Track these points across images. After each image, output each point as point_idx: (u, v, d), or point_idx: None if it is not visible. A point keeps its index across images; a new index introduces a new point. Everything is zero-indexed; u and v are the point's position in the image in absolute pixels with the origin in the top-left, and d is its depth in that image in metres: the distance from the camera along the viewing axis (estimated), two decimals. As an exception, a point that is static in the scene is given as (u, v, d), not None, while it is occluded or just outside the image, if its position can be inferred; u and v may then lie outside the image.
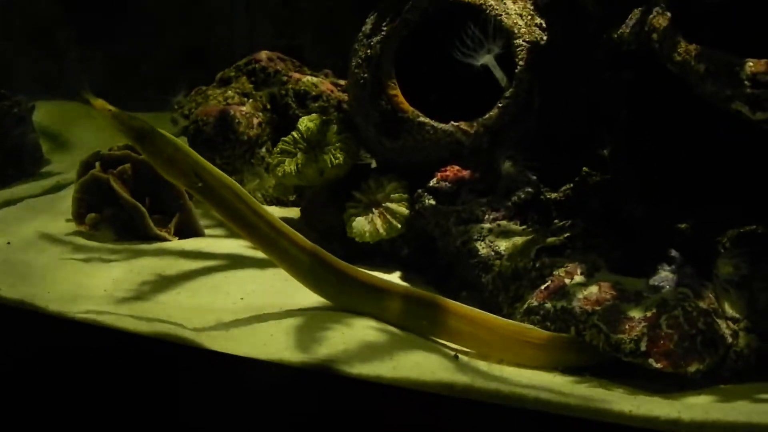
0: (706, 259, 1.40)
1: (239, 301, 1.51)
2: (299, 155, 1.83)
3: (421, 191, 1.70)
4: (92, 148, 2.69)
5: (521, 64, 1.69)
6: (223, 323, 1.36)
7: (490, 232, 1.58)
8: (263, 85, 2.29)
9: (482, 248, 1.56)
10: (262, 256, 1.72)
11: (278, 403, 1.22)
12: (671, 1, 1.40)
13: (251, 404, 1.22)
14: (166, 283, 1.60)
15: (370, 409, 1.18)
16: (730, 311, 1.34)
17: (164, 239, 1.88)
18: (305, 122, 1.86)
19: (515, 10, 1.74)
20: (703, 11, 1.41)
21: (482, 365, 1.29)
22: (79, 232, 1.95)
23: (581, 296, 1.37)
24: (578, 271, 1.44)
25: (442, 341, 1.38)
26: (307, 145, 1.84)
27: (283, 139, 1.88)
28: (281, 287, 1.54)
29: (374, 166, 1.95)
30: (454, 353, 1.30)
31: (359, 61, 1.79)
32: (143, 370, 1.35)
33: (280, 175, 1.85)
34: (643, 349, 1.26)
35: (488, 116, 1.69)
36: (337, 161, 1.80)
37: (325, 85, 2.22)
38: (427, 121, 1.71)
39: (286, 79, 2.25)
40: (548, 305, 1.39)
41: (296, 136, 1.86)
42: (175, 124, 2.30)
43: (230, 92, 2.24)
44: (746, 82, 1.24)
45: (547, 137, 1.71)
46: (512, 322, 1.39)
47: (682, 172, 1.50)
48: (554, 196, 1.62)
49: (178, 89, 2.29)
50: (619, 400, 1.09)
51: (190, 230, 1.93)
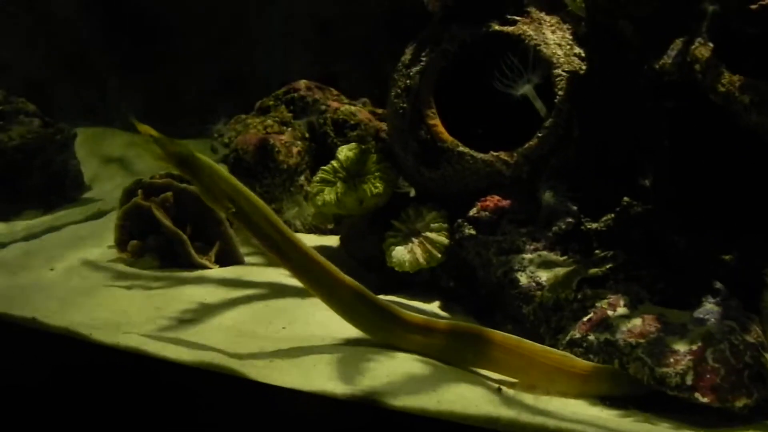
0: (752, 291, 1.39)
1: (281, 330, 1.52)
2: (339, 184, 1.84)
3: (461, 221, 1.70)
4: (132, 174, 2.76)
5: (560, 93, 1.69)
6: (266, 353, 1.37)
7: (531, 262, 1.58)
8: (302, 113, 2.31)
9: (523, 279, 1.56)
10: (302, 286, 1.74)
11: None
12: (713, 31, 1.40)
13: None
14: (207, 311, 1.61)
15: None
16: (777, 345, 1.32)
17: (205, 267, 1.90)
18: (344, 151, 1.88)
19: (554, 39, 1.74)
20: (745, 41, 1.41)
21: (526, 398, 1.28)
22: (121, 259, 1.97)
23: (625, 328, 1.36)
24: (621, 302, 1.43)
25: (485, 372, 1.37)
26: (346, 174, 1.86)
27: (322, 168, 1.90)
28: (322, 317, 1.54)
29: (413, 194, 1.95)
30: (497, 386, 1.30)
31: (398, 90, 1.81)
32: (187, 399, 1.36)
33: (319, 203, 1.86)
34: (689, 383, 1.25)
35: (528, 146, 1.69)
36: (376, 190, 1.81)
37: (362, 113, 2.24)
38: (466, 150, 1.71)
39: (324, 108, 2.28)
40: (591, 337, 1.38)
41: (336, 165, 1.87)
42: (215, 152, 2.34)
43: (269, 121, 2.26)
44: (792, 113, 1.23)
45: (586, 167, 1.70)
46: (555, 351, 1.38)
47: (726, 202, 1.48)
48: (595, 226, 1.61)
49: (217, 117, 2.33)
50: (666, 435, 1.08)
51: (230, 258, 1.95)
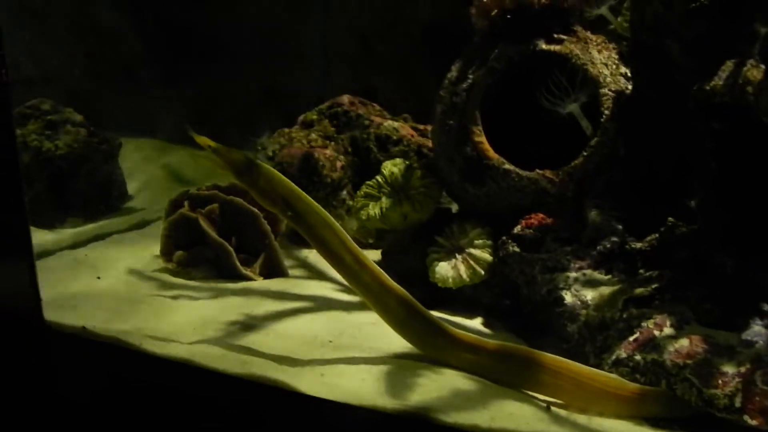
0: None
1: (328, 343, 1.53)
2: (383, 199, 1.86)
3: (505, 238, 1.71)
4: (174, 185, 2.80)
5: (607, 113, 1.70)
6: (313, 367, 1.39)
7: (576, 281, 1.58)
8: (345, 128, 2.33)
9: (568, 297, 1.56)
10: (348, 298, 1.76)
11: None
12: (765, 53, 1.40)
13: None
14: (254, 323, 1.63)
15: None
16: (828, 368, 1.31)
17: (250, 278, 1.93)
18: (389, 167, 1.90)
19: (601, 59, 1.75)
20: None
21: (576, 417, 1.29)
22: (166, 269, 2.00)
23: (672, 349, 1.36)
24: (667, 323, 1.43)
25: (532, 393, 1.38)
26: (391, 189, 1.88)
27: (367, 182, 1.92)
28: (369, 331, 1.56)
29: (455, 210, 1.97)
30: (545, 404, 1.30)
31: (445, 107, 1.83)
32: (237, 411, 1.38)
33: (364, 218, 1.88)
34: (737, 405, 1.25)
35: (573, 164, 1.70)
36: (420, 206, 1.83)
37: (405, 129, 2.26)
38: (512, 168, 1.73)
39: (368, 123, 2.30)
40: (638, 357, 1.39)
41: (380, 180, 1.89)
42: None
43: (314, 135, 2.29)
44: None
45: (632, 186, 1.71)
46: (602, 372, 1.39)
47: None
48: (639, 245, 1.61)
49: (261, 131, 2.35)
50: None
51: (274, 270, 1.97)
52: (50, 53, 3.21)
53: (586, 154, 1.70)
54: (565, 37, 1.78)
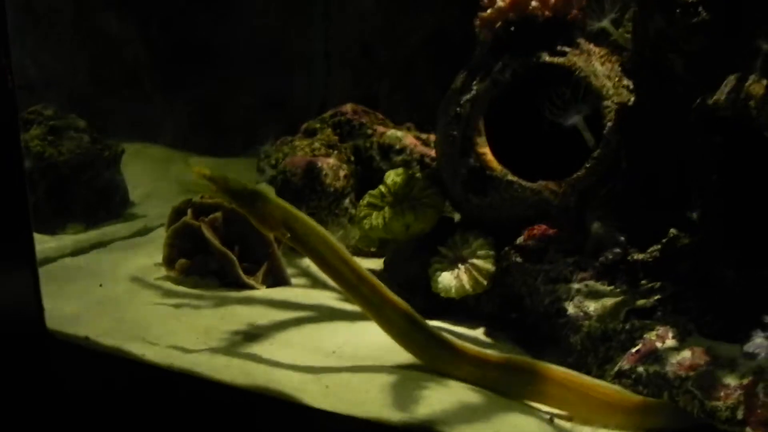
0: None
1: (331, 354, 1.54)
2: (386, 209, 1.87)
3: (508, 249, 1.72)
4: (175, 191, 2.81)
5: (609, 125, 1.71)
6: (317, 378, 1.39)
7: (578, 292, 1.59)
8: (348, 137, 2.34)
9: (571, 308, 1.57)
10: (350, 308, 1.76)
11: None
12: (766, 68, 1.41)
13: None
14: (257, 333, 1.64)
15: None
16: (831, 380, 1.32)
17: (253, 287, 1.93)
18: (392, 177, 1.91)
19: (604, 71, 1.76)
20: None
21: (580, 429, 1.30)
22: (168, 277, 2.01)
23: (674, 361, 1.37)
24: (669, 334, 1.44)
25: (535, 404, 1.39)
26: (393, 199, 1.88)
27: (370, 192, 1.93)
28: (372, 341, 1.56)
29: (457, 220, 1.97)
30: (549, 416, 1.31)
31: (449, 118, 1.83)
32: (239, 423, 1.38)
33: (366, 227, 1.89)
34: (739, 417, 1.25)
35: (576, 176, 1.71)
36: (423, 216, 1.84)
37: (408, 138, 2.27)
38: (515, 179, 1.74)
39: (370, 132, 2.31)
40: (641, 369, 1.39)
41: (383, 189, 1.90)
42: (262, 173, 2.37)
43: (317, 144, 2.29)
44: None
45: (634, 198, 1.72)
46: (606, 384, 1.39)
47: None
48: (642, 257, 1.62)
49: (265, 139, 2.36)
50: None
51: (277, 279, 1.98)
52: (53, 59, 3.22)
53: (588, 165, 1.71)
54: (568, 49, 1.78)
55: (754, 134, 1.41)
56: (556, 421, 1.31)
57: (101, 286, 1.95)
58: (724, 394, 1.28)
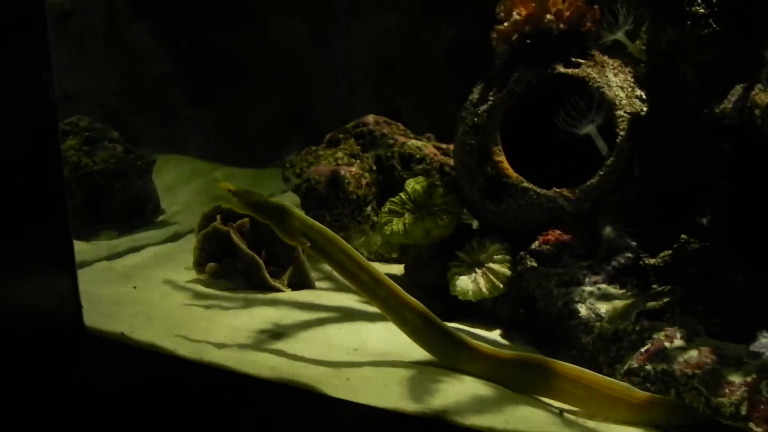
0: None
1: (353, 351, 1.61)
2: (407, 215, 1.94)
3: (523, 253, 1.78)
4: (204, 201, 2.90)
5: (622, 134, 1.77)
6: (340, 372, 1.46)
7: (590, 294, 1.65)
8: (370, 147, 2.42)
9: (583, 310, 1.63)
10: (371, 309, 1.83)
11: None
12: (773, 78, 1.47)
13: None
14: (282, 332, 1.71)
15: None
16: (833, 379, 1.36)
17: (279, 290, 2.01)
18: (412, 184, 1.98)
19: (617, 82, 1.82)
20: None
21: (588, 422, 1.36)
22: (198, 280, 2.09)
23: (681, 359, 1.42)
24: (678, 335, 1.49)
25: (546, 399, 1.44)
26: (414, 206, 1.96)
27: (390, 199, 2.00)
28: (392, 340, 1.63)
29: (476, 226, 2.04)
30: (558, 410, 1.37)
31: (467, 128, 1.90)
32: (266, 413, 1.46)
33: (387, 233, 1.96)
34: (743, 413, 1.30)
35: (589, 183, 1.77)
36: (442, 222, 1.91)
37: (428, 148, 2.34)
38: (530, 186, 1.80)
39: (392, 142, 2.38)
40: (649, 367, 1.45)
41: (404, 197, 1.97)
42: (287, 182, 2.45)
43: (340, 153, 2.37)
44: None
45: (646, 205, 1.77)
46: (616, 381, 1.45)
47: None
48: (653, 261, 1.68)
49: (290, 149, 2.45)
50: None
51: (302, 282, 2.06)
52: (87, 73, 3.33)
53: (601, 173, 1.77)
54: (582, 60, 1.85)
55: (759, 142, 1.46)
56: (565, 415, 1.37)
57: (135, 288, 2.04)
58: (728, 391, 1.33)
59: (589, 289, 1.66)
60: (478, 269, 1.84)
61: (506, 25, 1.87)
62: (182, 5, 3.49)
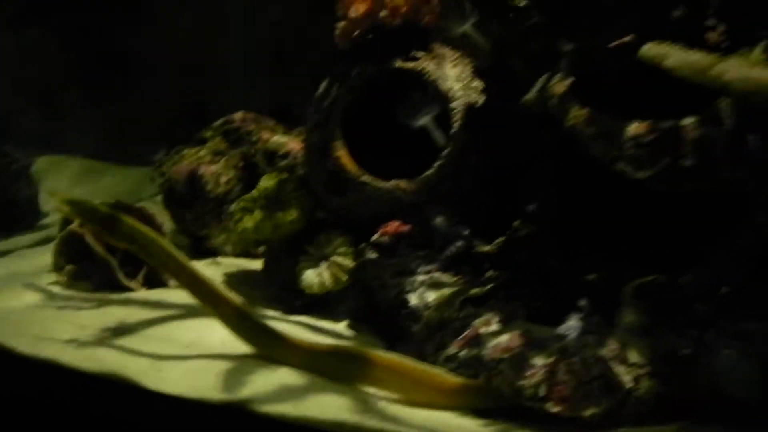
0: (615, 309, 1.49)
1: (184, 348, 1.63)
2: (256, 212, 1.97)
3: (364, 245, 1.81)
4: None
5: (456, 125, 1.81)
6: (164, 365, 1.50)
7: (422, 284, 1.68)
8: (237, 144, 2.43)
9: (413, 299, 1.67)
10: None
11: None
12: (571, 67, 1.52)
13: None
14: (126, 328, 1.73)
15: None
16: (634, 358, 1.42)
17: (132, 289, 2.04)
18: (264, 181, 2.00)
19: (454, 74, 1.86)
20: (610, 77, 1.54)
21: (393, 408, 1.39)
22: (58, 282, 2.10)
23: (492, 344, 1.47)
24: (495, 320, 1.53)
25: (367, 388, 1.48)
26: (266, 202, 1.98)
27: (242, 197, 2.02)
28: (227, 335, 1.64)
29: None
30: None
31: (310, 124, 1.93)
32: (88, 406, 1.49)
33: (239, 230, 1.99)
34: (542, 394, 1.36)
35: (426, 174, 1.81)
36: (290, 217, 1.94)
37: (293, 143, 2.35)
38: (368, 179, 1.83)
39: (256, 138, 2.40)
40: (463, 353, 1.49)
41: (255, 194, 1.99)
42: (152, 181, 2.47)
43: (203, 152, 2.38)
44: (628, 143, 1.35)
45: (483, 193, 1.82)
46: (432, 369, 1.50)
47: (595, 227, 1.60)
48: (487, 249, 1.72)
49: (159, 148, 2.45)
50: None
51: (157, 281, 2.08)
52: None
53: (438, 164, 1.81)
54: (421, 54, 1.89)
55: (560, 131, 1.51)
56: (384, 402, 1.41)
57: (-9, 291, 2.04)
58: (530, 373, 1.38)
59: (421, 278, 1.70)
60: (323, 262, 1.87)
61: (345, 23, 1.90)
62: (75, 2, 3.46)
